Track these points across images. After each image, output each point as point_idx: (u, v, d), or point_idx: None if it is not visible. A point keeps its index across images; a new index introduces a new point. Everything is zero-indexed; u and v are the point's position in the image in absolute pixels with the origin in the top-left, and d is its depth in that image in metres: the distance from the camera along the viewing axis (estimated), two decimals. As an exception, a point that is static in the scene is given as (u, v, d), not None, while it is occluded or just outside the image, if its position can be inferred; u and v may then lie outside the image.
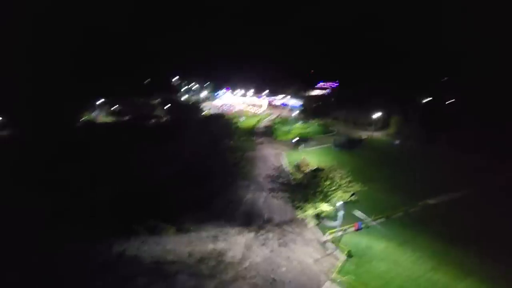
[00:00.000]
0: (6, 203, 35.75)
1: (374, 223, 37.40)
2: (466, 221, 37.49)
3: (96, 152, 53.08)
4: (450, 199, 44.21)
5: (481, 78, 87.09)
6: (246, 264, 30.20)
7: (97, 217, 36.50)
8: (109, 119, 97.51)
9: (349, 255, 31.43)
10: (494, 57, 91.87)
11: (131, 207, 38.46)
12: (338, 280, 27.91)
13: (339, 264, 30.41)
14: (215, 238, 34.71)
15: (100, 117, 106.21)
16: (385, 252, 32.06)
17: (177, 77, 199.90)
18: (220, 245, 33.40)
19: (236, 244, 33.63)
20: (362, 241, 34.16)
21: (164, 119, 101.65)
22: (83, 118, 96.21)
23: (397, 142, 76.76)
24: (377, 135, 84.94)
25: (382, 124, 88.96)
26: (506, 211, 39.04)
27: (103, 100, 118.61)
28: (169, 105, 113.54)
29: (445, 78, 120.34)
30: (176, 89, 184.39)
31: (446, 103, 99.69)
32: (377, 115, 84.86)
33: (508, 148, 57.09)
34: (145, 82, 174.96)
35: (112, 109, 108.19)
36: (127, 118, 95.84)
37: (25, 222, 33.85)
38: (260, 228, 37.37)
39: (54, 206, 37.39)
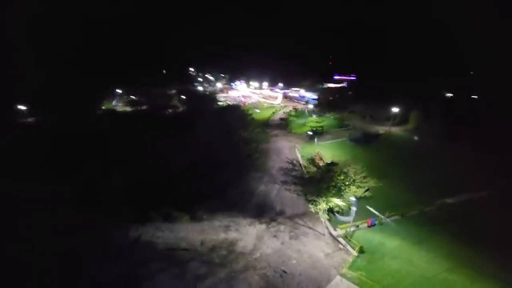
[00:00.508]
0: (27, 188, 37.40)
1: (388, 220, 36.64)
2: (485, 222, 36.08)
3: (115, 140, 54.54)
4: (468, 199, 42.60)
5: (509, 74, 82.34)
6: (257, 255, 30.51)
7: (115, 203, 37.72)
8: (127, 108, 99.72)
9: (361, 251, 31.07)
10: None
11: (147, 195, 39.46)
12: (349, 276, 27.72)
13: (350, 259, 30.16)
14: (227, 228, 35.20)
15: (119, 106, 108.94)
16: (399, 250, 31.44)
17: (194, 68, 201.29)
18: (232, 235, 33.86)
19: (248, 235, 33.99)
20: (375, 237, 33.63)
21: (181, 109, 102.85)
22: (103, 107, 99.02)
23: (416, 138, 74.30)
24: (395, 130, 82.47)
25: (400, 119, 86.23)
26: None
27: (122, 90, 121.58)
28: (186, 95, 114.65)
29: (471, 73, 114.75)
30: (193, 80, 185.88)
31: (471, 98, 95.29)
32: (395, 109, 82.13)
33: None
34: (163, 72, 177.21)
35: (130, 98, 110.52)
36: (144, 107, 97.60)
37: (44, 207, 35.39)
38: (272, 220, 37.53)
39: (73, 192, 38.88)
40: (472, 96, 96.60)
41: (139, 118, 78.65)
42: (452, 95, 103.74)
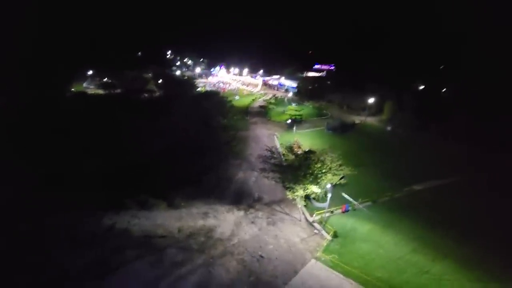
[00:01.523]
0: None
1: (361, 206, 38.34)
2: (449, 206, 38.96)
3: (87, 124, 51.92)
4: (436, 185, 45.53)
5: (478, 69, 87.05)
6: (235, 240, 30.86)
7: (88, 188, 36.27)
8: (99, 91, 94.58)
9: (335, 235, 32.40)
10: (493, 48, 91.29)
11: (122, 180, 38.29)
12: (323, 259, 28.89)
13: (324, 243, 31.38)
14: (205, 215, 35.15)
15: (91, 88, 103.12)
16: (369, 234, 33.12)
17: (171, 51, 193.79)
18: (210, 221, 33.89)
19: (226, 221, 34.19)
20: (348, 222, 35.15)
21: (157, 94, 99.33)
22: (72, 89, 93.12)
23: (389, 128, 77.36)
24: (370, 120, 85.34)
25: (375, 110, 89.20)
26: (489, 198, 40.69)
27: (93, 71, 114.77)
28: (163, 79, 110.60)
29: (442, 67, 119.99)
30: (170, 64, 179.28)
31: (441, 92, 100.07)
32: (371, 100, 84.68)
33: (498, 140, 58.27)
34: (138, 54, 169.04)
35: (103, 81, 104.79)
36: (118, 91, 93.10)
37: (12, 190, 33.38)
38: (250, 206, 37.95)
39: (43, 175, 36.84)
40: (443, 90, 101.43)
41: (113, 101, 75.09)
42: (423, 87, 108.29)
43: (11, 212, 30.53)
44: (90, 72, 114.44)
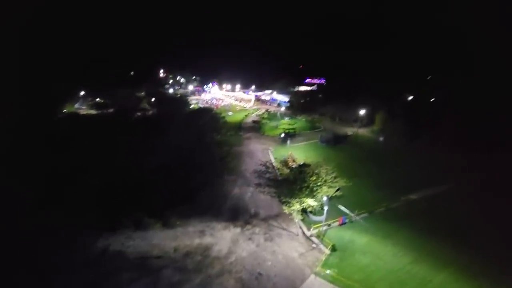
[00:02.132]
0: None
1: (357, 217, 38.27)
2: (446, 215, 39.09)
3: (80, 144, 51.52)
4: (431, 194, 45.89)
5: (467, 76, 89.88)
6: (232, 258, 30.33)
7: (83, 208, 35.64)
8: (92, 111, 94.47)
9: (333, 249, 32.10)
10: (482, 55, 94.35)
11: (117, 200, 37.73)
12: (322, 274, 28.49)
13: (323, 258, 31.01)
14: (202, 233, 34.63)
15: (83, 109, 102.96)
16: (368, 246, 32.92)
17: (163, 70, 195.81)
18: (207, 239, 33.36)
19: (223, 239, 33.69)
20: (345, 235, 34.94)
21: (150, 112, 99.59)
22: (64, 110, 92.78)
23: (381, 138, 78.47)
24: (363, 131, 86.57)
25: (367, 121, 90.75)
26: (484, 204, 41.00)
27: (85, 91, 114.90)
28: (156, 98, 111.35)
29: (429, 77, 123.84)
30: (163, 82, 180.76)
31: (431, 100, 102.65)
32: (362, 111, 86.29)
33: (489, 146, 59.53)
34: (131, 74, 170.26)
35: (96, 101, 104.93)
36: (111, 110, 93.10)
37: (5, 211, 32.54)
38: (246, 223, 37.51)
39: (37, 196, 36.10)
40: (432, 99, 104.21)
41: (106, 121, 74.89)
42: (412, 97, 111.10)
43: (4, 234, 29.65)
44: (82, 93, 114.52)
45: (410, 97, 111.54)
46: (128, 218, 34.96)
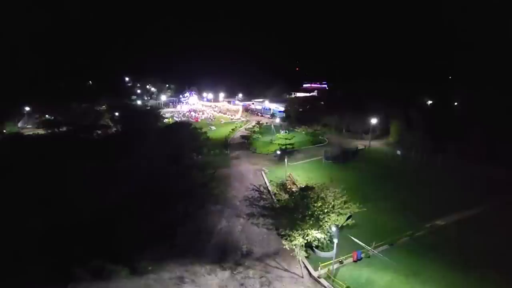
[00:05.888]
0: None
1: (375, 251, 37.93)
2: (482, 243, 39.09)
3: (19, 174, 50.32)
4: (463, 218, 46.09)
5: (494, 77, 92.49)
6: (220, 312, 29.40)
7: (24, 258, 34.20)
8: (40, 130, 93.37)
9: (348, 292, 31.55)
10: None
11: (70, 243, 36.50)
12: (335, 326, 27.79)
13: (335, 304, 30.39)
14: (180, 280, 33.69)
15: (29, 128, 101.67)
16: (391, 286, 32.47)
17: (130, 77, 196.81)
18: (187, 288, 32.39)
19: (207, 287, 32.79)
20: (362, 274, 34.43)
21: (114, 129, 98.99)
22: (4, 131, 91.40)
23: (398, 152, 79.49)
24: (376, 144, 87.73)
25: (381, 132, 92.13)
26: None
27: (31, 107, 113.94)
28: (120, 112, 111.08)
29: (450, 77, 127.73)
30: (129, 93, 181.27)
31: (453, 105, 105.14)
32: (374, 120, 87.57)
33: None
34: (89, 83, 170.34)
35: (44, 118, 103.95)
36: (64, 129, 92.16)
37: None
38: (237, 264, 36.76)
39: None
40: (455, 103, 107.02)
41: (58, 143, 73.88)
42: (432, 102, 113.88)
43: None
44: (27, 109, 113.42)
45: (429, 101, 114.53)
46: (85, 267, 33.71)
